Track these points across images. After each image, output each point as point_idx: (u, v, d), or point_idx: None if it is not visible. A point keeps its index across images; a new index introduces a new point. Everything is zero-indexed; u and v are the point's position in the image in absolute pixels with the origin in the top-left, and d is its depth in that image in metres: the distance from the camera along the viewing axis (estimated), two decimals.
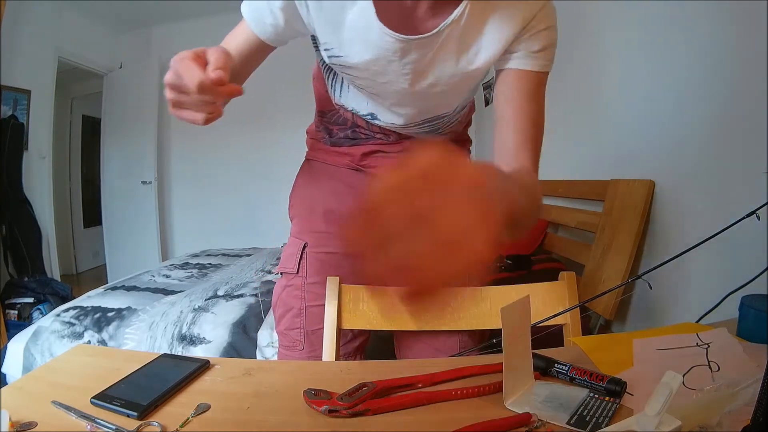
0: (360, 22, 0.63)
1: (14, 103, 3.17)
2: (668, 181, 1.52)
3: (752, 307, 0.64)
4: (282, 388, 0.57)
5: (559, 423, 0.46)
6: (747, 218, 0.92)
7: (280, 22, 0.67)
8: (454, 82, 0.69)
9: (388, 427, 0.48)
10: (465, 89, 0.74)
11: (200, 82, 0.46)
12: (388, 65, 0.67)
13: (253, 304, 1.79)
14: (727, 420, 0.41)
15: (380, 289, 0.38)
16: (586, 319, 1.69)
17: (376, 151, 0.87)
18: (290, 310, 0.89)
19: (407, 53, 0.65)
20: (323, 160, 0.93)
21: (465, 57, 0.66)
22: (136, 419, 0.49)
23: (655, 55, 1.58)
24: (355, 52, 0.67)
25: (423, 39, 0.63)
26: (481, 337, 0.89)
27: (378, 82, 0.71)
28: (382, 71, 0.68)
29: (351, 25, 0.64)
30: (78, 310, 1.77)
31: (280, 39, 0.70)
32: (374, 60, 0.66)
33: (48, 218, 3.48)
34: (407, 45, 0.64)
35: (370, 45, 0.65)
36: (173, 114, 0.53)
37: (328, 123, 0.90)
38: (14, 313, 2.71)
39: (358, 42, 0.65)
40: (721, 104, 1.26)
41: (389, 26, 0.62)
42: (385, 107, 0.78)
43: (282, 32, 0.69)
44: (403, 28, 0.63)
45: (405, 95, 0.72)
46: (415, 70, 0.67)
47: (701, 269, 1.29)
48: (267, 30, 0.68)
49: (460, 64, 0.67)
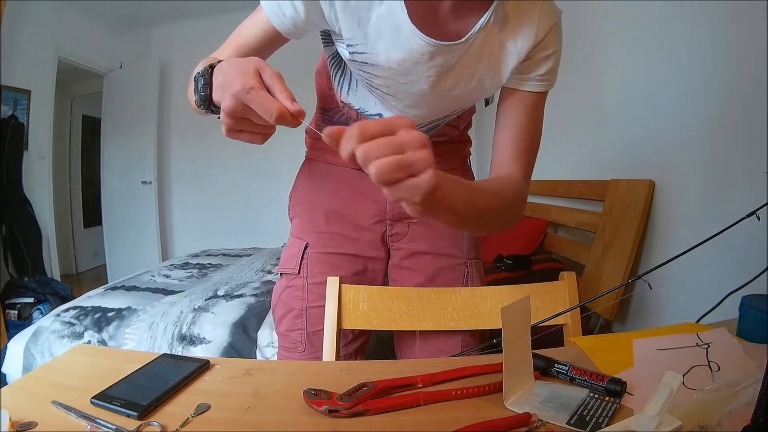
0: (389, 20, 0.63)
1: (14, 103, 3.17)
2: (668, 181, 1.52)
3: (752, 307, 0.64)
4: (282, 388, 0.57)
5: (559, 423, 0.46)
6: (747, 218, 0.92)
7: (300, 15, 0.65)
8: (471, 87, 0.70)
9: (388, 427, 0.48)
10: (480, 96, 0.74)
11: (280, 114, 0.47)
12: (413, 66, 0.67)
13: (253, 304, 1.79)
14: (727, 420, 0.41)
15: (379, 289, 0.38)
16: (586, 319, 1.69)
17: None
18: (291, 311, 0.89)
19: (435, 57, 0.65)
20: (324, 159, 0.93)
21: (486, 65, 0.68)
22: (136, 419, 0.49)
23: (656, 55, 1.58)
24: (381, 49, 0.66)
25: (453, 45, 0.64)
26: (481, 336, 0.89)
27: (399, 81, 0.70)
28: (406, 71, 0.68)
29: (378, 22, 0.63)
30: (78, 310, 1.77)
31: (297, 32, 0.69)
32: (402, 60, 0.66)
33: (48, 218, 3.48)
34: (437, 49, 0.64)
35: (399, 45, 0.64)
36: (229, 136, 0.53)
37: (329, 121, 0.90)
38: (14, 313, 2.71)
39: (386, 40, 0.65)
40: (721, 104, 1.26)
41: (418, 27, 0.63)
42: (397, 109, 0.78)
43: (301, 25, 0.67)
44: (428, 29, 0.63)
45: (422, 97, 0.72)
46: (439, 74, 0.68)
47: (701, 269, 1.29)
48: (286, 22, 0.67)
49: (481, 73, 0.68)
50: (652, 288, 1.04)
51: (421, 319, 0.81)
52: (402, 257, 0.91)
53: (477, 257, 0.93)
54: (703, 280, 1.29)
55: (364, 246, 0.89)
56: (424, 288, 0.83)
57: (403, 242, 0.90)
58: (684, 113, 1.43)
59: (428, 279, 0.89)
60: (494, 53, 0.67)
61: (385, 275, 0.93)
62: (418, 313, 0.81)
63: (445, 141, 0.90)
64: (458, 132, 0.92)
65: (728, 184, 1.23)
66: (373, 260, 0.90)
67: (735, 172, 1.20)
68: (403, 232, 0.90)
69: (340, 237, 0.89)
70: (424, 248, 0.89)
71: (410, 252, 0.90)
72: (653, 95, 1.60)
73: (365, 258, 0.89)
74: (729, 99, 1.24)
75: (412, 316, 0.81)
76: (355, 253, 0.89)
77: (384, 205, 0.88)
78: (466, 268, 0.90)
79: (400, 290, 0.83)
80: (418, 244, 0.89)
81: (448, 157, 0.91)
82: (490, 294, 0.81)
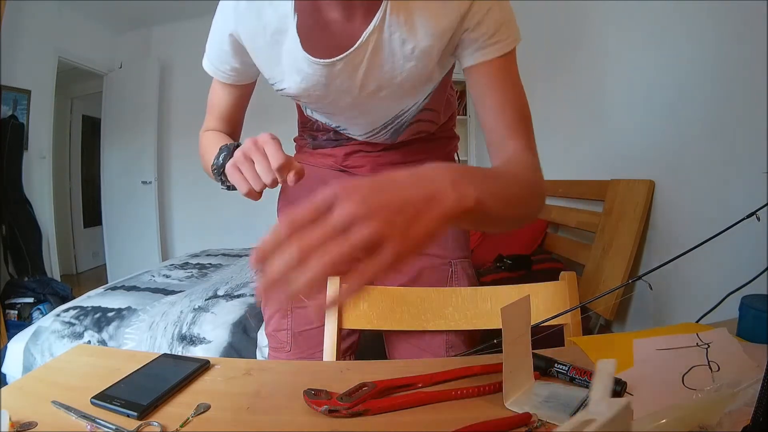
0: (292, 53, 0.66)
1: (14, 103, 3.17)
2: (668, 181, 1.52)
3: (752, 307, 0.64)
4: (282, 388, 0.57)
5: (559, 423, 0.46)
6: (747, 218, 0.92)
7: (235, 65, 0.73)
8: (398, 82, 0.68)
9: (388, 427, 0.48)
10: (413, 87, 0.72)
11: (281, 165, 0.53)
12: (325, 88, 0.69)
13: (253, 304, 1.79)
14: (727, 420, 0.41)
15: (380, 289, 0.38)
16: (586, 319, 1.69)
17: (358, 150, 0.87)
18: (277, 312, 0.89)
19: (338, 73, 0.66)
20: (307, 162, 0.94)
21: (401, 56, 0.65)
22: (136, 419, 0.49)
23: (656, 55, 1.58)
24: (293, 81, 0.69)
25: (347, 55, 0.64)
26: (470, 335, 0.88)
27: (325, 103, 0.73)
28: (323, 94, 0.70)
29: (286, 57, 0.67)
30: (78, 310, 1.77)
31: (248, 76, 0.77)
32: (311, 87, 0.69)
33: (48, 218, 3.48)
34: (332, 66, 0.65)
35: (303, 74, 0.67)
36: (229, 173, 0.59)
37: (311, 130, 0.92)
38: (14, 313, 2.71)
39: (295, 72, 0.68)
40: (721, 104, 1.26)
41: (317, 52, 0.64)
42: (345, 122, 0.81)
43: (244, 72, 0.74)
44: (331, 48, 0.64)
45: (356, 107, 0.74)
46: (353, 84, 0.68)
47: (701, 269, 1.29)
48: (230, 75, 0.75)
49: (398, 65, 0.66)
50: (652, 288, 1.04)
51: (421, 319, 0.81)
52: None
53: (464, 256, 0.90)
54: (703, 280, 1.29)
55: None
56: (424, 288, 0.83)
57: None
58: (684, 113, 1.43)
59: (411, 279, 0.87)
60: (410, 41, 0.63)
61: None
62: (418, 313, 0.81)
63: (425, 138, 0.89)
64: (438, 128, 0.90)
65: (728, 184, 1.23)
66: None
67: (735, 172, 1.20)
68: None
69: None
70: None
71: None
72: (653, 96, 1.60)
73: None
74: (729, 99, 1.24)
75: (412, 316, 0.81)
76: None
77: None
78: (450, 267, 0.88)
79: (401, 290, 0.83)
80: None
81: (430, 154, 0.90)
82: (490, 294, 0.81)
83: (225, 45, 0.70)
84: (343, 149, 0.88)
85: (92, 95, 4.52)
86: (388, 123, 0.80)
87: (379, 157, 0.87)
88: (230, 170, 0.57)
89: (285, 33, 0.65)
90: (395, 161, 0.88)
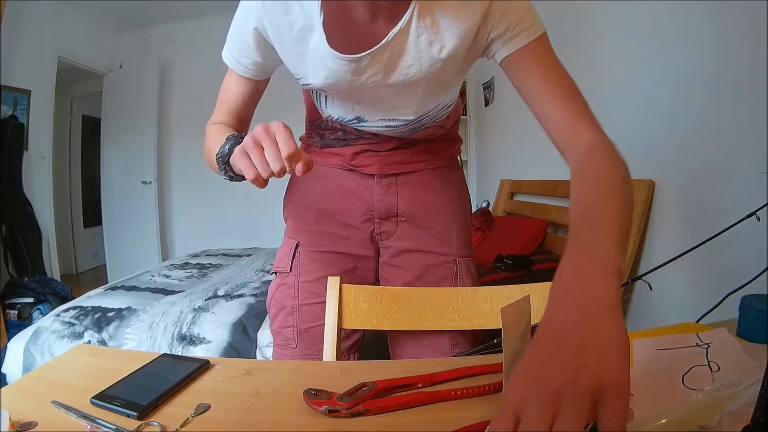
0: (318, 50, 0.67)
1: (14, 103, 3.17)
2: (668, 181, 1.52)
3: (752, 307, 0.64)
4: (282, 388, 0.57)
5: None
6: (747, 218, 0.92)
7: (257, 59, 0.73)
8: (424, 82, 0.70)
9: (388, 427, 0.48)
10: (438, 87, 0.74)
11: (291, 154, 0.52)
12: (350, 83, 0.70)
13: (253, 304, 1.79)
14: (727, 420, 0.41)
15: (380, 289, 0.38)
16: None
17: (366, 150, 0.88)
18: (283, 309, 0.90)
19: (364, 68, 0.67)
20: (315, 161, 0.94)
21: (428, 56, 0.67)
22: (136, 419, 0.49)
23: (656, 55, 1.58)
24: (318, 78, 0.70)
25: (372, 52, 0.65)
26: (473, 334, 0.90)
27: (353, 96, 0.75)
28: (349, 89, 0.72)
29: (313, 52, 0.68)
30: (78, 310, 1.77)
31: (266, 71, 0.77)
32: (338, 82, 0.70)
33: (48, 218, 3.48)
34: (358, 62, 0.66)
35: (329, 70, 0.68)
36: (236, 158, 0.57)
37: (319, 129, 0.92)
38: (14, 313, 2.71)
39: (321, 68, 0.69)
40: (721, 104, 1.26)
41: (344, 48, 0.65)
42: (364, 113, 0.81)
43: (264, 66, 0.75)
44: (357, 46, 0.65)
45: (377, 105, 0.75)
46: (378, 80, 0.69)
47: (701, 269, 1.29)
48: (250, 69, 0.75)
49: (425, 64, 0.67)
50: (652, 288, 1.04)
51: (421, 319, 0.81)
52: (391, 255, 0.91)
53: (467, 255, 0.93)
54: (703, 280, 1.29)
55: (353, 244, 0.90)
56: (424, 288, 0.83)
57: (392, 240, 0.91)
58: (684, 113, 1.43)
59: (417, 277, 0.89)
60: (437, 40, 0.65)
61: (376, 273, 0.94)
62: (418, 313, 0.81)
63: (432, 140, 0.90)
64: (445, 131, 0.92)
65: (728, 184, 1.23)
66: (362, 258, 0.91)
67: (735, 172, 1.20)
68: (391, 230, 0.90)
69: (330, 236, 0.90)
70: (412, 246, 0.90)
71: (398, 250, 0.91)
72: (653, 95, 1.60)
73: (355, 256, 0.91)
74: (729, 99, 1.23)
75: (412, 316, 0.81)
76: (345, 251, 0.90)
77: (372, 203, 0.89)
78: (455, 265, 0.90)
79: (401, 290, 0.83)
80: (406, 242, 0.90)
81: (436, 155, 0.91)
82: (490, 294, 0.81)
83: (248, 38, 0.70)
84: (351, 148, 0.88)
85: (92, 95, 4.52)
86: (417, 120, 0.80)
87: (386, 156, 0.88)
88: (238, 155, 0.56)
89: (311, 30, 0.65)
90: (402, 161, 0.89)
